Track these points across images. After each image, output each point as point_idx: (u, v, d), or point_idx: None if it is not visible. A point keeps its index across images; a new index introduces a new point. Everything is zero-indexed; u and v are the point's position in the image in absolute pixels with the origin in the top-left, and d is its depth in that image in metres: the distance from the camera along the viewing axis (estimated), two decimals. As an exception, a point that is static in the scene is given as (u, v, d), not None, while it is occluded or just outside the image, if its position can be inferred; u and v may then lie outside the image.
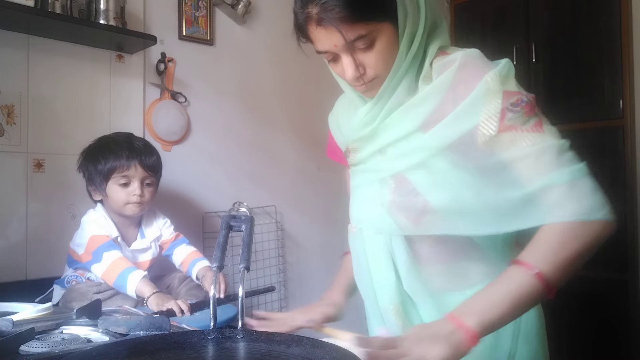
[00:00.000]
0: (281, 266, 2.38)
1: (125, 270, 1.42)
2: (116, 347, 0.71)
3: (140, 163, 1.52)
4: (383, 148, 0.96)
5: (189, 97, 2.12)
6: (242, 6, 2.27)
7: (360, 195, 1.03)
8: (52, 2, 1.63)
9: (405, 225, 0.92)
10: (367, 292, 1.02)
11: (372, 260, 0.99)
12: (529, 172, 0.82)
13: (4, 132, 1.66)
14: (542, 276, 0.76)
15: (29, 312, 1.04)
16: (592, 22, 2.52)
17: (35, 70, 1.72)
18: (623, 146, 2.42)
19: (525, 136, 0.83)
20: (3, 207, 1.65)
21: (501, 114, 0.83)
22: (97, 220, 1.52)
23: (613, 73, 2.43)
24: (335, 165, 1.19)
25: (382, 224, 0.96)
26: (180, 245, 1.67)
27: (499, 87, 0.84)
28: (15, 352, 0.76)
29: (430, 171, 0.89)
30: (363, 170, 1.02)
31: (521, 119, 0.83)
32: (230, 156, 2.28)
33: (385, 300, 0.96)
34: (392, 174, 0.94)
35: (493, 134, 0.83)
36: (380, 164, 0.97)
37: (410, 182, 0.91)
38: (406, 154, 0.92)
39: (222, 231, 0.85)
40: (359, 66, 0.89)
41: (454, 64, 0.88)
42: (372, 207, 0.98)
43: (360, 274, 1.04)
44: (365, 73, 0.90)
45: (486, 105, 0.84)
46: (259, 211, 2.29)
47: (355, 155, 1.03)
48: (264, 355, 0.71)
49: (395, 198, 0.93)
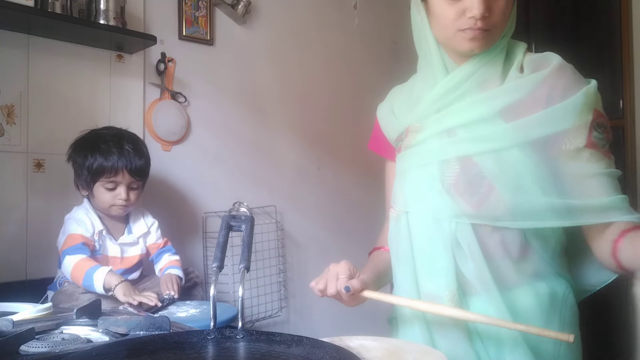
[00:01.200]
0: (281, 266, 2.38)
1: (90, 269, 1.42)
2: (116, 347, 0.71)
3: (127, 169, 1.52)
4: (453, 128, 0.95)
5: (189, 97, 2.12)
6: (242, 6, 2.27)
7: (412, 177, 1.00)
8: (52, 2, 1.63)
9: (465, 209, 0.91)
10: (408, 279, 0.98)
11: (421, 245, 0.96)
12: (599, 190, 0.89)
13: (4, 132, 1.66)
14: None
15: (29, 312, 1.04)
16: (592, 21, 2.52)
17: (35, 70, 1.72)
18: (623, 146, 2.42)
19: (603, 158, 0.90)
20: (3, 207, 1.65)
21: (589, 129, 0.88)
22: (78, 217, 1.53)
23: (613, 73, 2.43)
24: (336, 165, 1.19)
25: (439, 207, 0.94)
26: (167, 253, 1.69)
27: (594, 103, 0.89)
28: (15, 352, 0.76)
29: (502, 159, 0.90)
30: (421, 152, 0.99)
31: (602, 140, 0.90)
32: (230, 156, 2.28)
33: (441, 285, 0.92)
34: (458, 155, 0.93)
35: (581, 146, 0.88)
36: (446, 145, 0.95)
37: (477, 165, 0.91)
38: (481, 138, 0.92)
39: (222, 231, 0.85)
40: (488, 7, 0.88)
41: (552, 64, 0.92)
42: (427, 189, 0.96)
43: (400, 261, 1.00)
44: (490, 16, 0.89)
45: (579, 115, 0.88)
46: (259, 211, 2.29)
47: (415, 135, 1.00)
48: (264, 355, 0.71)
49: (459, 180, 0.93)
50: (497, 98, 0.92)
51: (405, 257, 0.99)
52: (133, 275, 1.61)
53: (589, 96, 0.89)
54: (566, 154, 0.89)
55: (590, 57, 2.51)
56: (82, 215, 1.53)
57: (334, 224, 2.64)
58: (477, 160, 0.91)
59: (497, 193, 0.89)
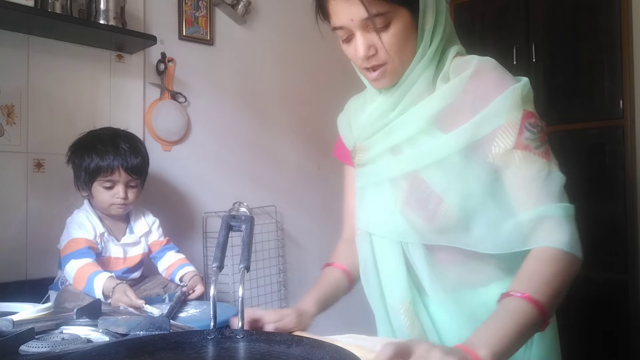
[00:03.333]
0: (281, 266, 2.38)
1: (92, 274, 1.40)
2: (116, 347, 0.71)
3: (124, 167, 1.52)
4: (397, 146, 0.96)
5: (189, 97, 2.12)
6: (242, 6, 2.27)
7: (368, 197, 1.03)
8: (52, 2, 1.62)
9: (418, 225, 0.93)
10: (375, 293, 1.02)
11: (382, 262, 0.99)
12: (533, 195, 0.85)
13: (4, 132, 1.66)
14: (541, 307, 0.77)
15: (29, 312, 1.04)
16: (592, 22, 2.52)
17: (35, 71, 1.72)
18: (623, 146, 2.42)
19: (537, 160, 0.86)
20: (3, 207, 1.65)
21: (519, 130, 0.86)
22: (80, 220, 1.52)
23: (613, 73, 2.43)
24: (336, 165, 1.19)
25: (393, 227, 0.96)
26: (170, 251, 1.68)
27: (522, 103, 0.87)
28: (15, 352, 0.76)
29: (445, 169, 0.90)
30: (372, 171, 1.01)
31: (536, 142, 0.86)
32: (231, 156, 2.28)
33: (394, 299, 0.97)
34: (404, 173, 0.94)
35: (509, 147, 0.86)
36: (391, 163, 0.97)
37: (424, 180, 0.92)
38: (424, 153, 0.92)
39: (222, 231, 0.85)
40: (371, 46, 0.90)
41: (471, 66, 0.90)
42: (382, 209, 0.98)
43: (367, 276, 1.04)
44: (376, 54, 0.91)
45: (508, 115, 0.86)
46: (259, 211, 2.29)
47: (363, 154, 1.02)
48: (264, 355, 0.71)
49: (409, 197, 0.94)
50: (427, 106, 0.92)
51: (371, 274, 1.02)
52: (135, 275, 1.61)
53: (515, 96, 0.86)
54: (498, 158, 0.87)
55: (590, 57, 2.51)
56: (83, 219, 1.53)
57: (334, 224, 2.64)
58: (424, 175, 0.92)
59: (445, 206, 0.89)
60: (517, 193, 0.86)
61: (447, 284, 0.94)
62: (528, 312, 0.77)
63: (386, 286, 1.00)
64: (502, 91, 0.86)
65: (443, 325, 0.96)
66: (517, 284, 0.81)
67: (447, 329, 0.96)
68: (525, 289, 0.79)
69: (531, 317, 0.77)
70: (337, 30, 0.93)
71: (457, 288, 0.95)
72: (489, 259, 0.93)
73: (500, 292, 0.89)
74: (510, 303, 0.79)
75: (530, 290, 0.78)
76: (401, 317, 0.96)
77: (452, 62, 0.94)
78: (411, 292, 0.96)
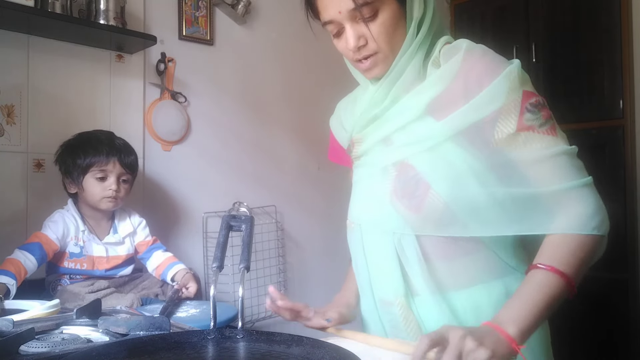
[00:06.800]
0: (281, 266, 2.38)
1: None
2: (116, 347, 0.71)
3: (119, 160, 1.55)
4: (389, 135, 0.96)
5: (189, 97, 2.12)
6: (242, 6, 2.27)
7: (360, 189, 1.03)
8: (52, 2, 1.62)
9: (406, 215, 0.91)
10: (365, 286, 1.02)
11: (372, 255, 0.99)
12: (542, 175, 0.85)
13: (4, 132, 1.66)
14: (568, 278, 0.79)
15: (38, 310, 1.04)
16: (592, 22, 2.52)
17: (35, 71, 1.72)
18: (623, 146, 2.42)
19: (542, 138, 0.85)
20: (3, 207, 1.65)
21: (520, 112, 0.85)
22: (53, 218, 1.53)
23: (613, 73, 2.43)
24: (336, 165, 1.19)
25: (383, 218, 0.95)
26: (158, 250, 1.68)
27: (520, 85, 0.86)
28: (15, 352, 0.76)
29: (435, 155, 0.89)
30: (365, 163, 1.01)
31: (539, 120, 0.85)
32: (231, 156, 2.28)
33: (389, 294, 0.96)
34: (395, 161, 0.94)
35: (512, 132, 0.85)
36: (383, 153, 0.96)
37: (413, 167, 0.91)
38: (416, 141, 0.91)
39: (222, 231, 0.85)
40: (360, 37, 0.91)
41: (461, 50, 0.89)
42: (372, 200, 0.98)
43: (358, 269, 1.04)
44: (366, 44, 0.91)
45: (507, 98, 0.85)
46: (259, 211, 2.29)
47: (359, 146, 1.02)
48: (264, 355, 0.71)
49: (396, 186, 0.93)
50: (420, 94, 0.92)
51: (361, 267, 1.02)
52: (124, 271, 1.60)
53: (512, 78, 0.85)
54: (503, 143, 0.86)
55: (590, 57, 2.51)
56: (57, 217, 1.54)
57: (334, 224, 2.64)
58: (412, 162, 0.92)
59: (432, 192, 0.88)
60: (531, 174, 0.86)
61: (437, 280, 0.93)
62: (555, 284, 0.78)
63: (375, 280, 0.99)
64: (496, 74, 0.86)
65: (430, 322, 0.94)
66: (543, 255, 0.82)
67: (434, 326, 0.94)
68: (551, 261, 0.80)
69: (558, 288, 0.78)
70: (327, 25, 0.93)
71: (449, 288, 0.93)
72: (481, 256, 0.92)
73: (489, 293, 0.90)
74: (537, 275, 0.80)
75: (556, 262, 0.80)
76: (396, 312, 0.95)
77: (442, 49, 0.94)
78: (406, 287, 0.95)
